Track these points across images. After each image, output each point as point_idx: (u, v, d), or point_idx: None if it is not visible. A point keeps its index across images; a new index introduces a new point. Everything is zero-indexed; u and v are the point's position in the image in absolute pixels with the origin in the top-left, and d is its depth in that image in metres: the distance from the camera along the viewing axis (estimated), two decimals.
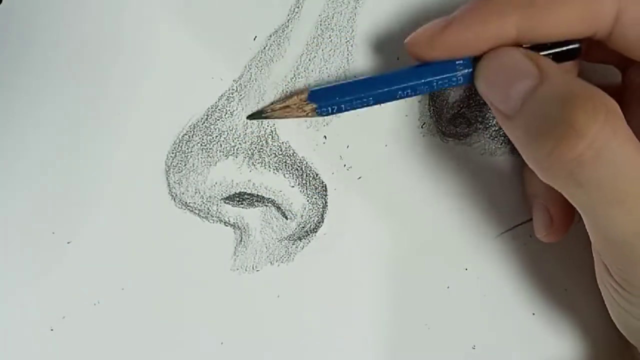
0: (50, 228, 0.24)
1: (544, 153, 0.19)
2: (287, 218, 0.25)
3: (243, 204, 0.25)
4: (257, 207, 0.25)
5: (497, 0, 0.21)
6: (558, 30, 0.21)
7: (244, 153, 0.25)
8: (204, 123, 0.25)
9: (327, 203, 0.26)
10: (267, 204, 0.25)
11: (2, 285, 0.24)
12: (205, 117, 0.25)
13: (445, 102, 0.26)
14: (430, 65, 0.22)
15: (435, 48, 0.22)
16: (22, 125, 0.24)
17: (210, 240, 0.25)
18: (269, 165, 0.25)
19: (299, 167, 0.25)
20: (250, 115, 0.24)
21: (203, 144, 0.25)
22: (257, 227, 0.25)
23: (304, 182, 0.25)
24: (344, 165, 0.26)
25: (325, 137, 0.25)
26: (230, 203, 0.25)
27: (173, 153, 0.25)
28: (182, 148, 0.25)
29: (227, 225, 0.25)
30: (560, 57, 0.22)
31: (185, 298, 0.25)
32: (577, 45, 0.22)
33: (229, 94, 0.25)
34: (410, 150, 0.26)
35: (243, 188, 0.25)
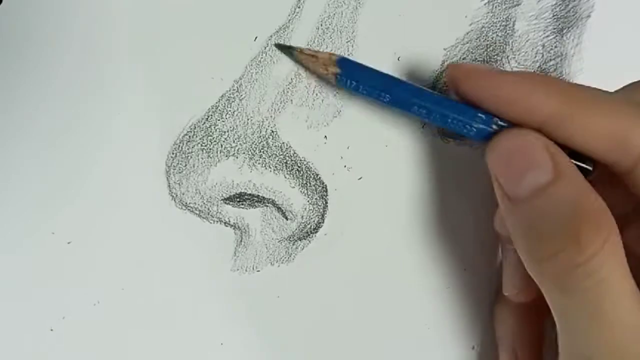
0: (50, 228, 0.24)
1: (541, 255, 0.19)
2: (287, 218, 0.25)
3: (243, 205, 0.25)
4: (257, 207, 0.25)
5: (548, 81, 0.21)
6: (583, 137, 0.20)
7: (245, 153, 0.25)
8: (205, 123, 0.25)
9: (327, 203, 0.26)
10: (267, 205, 0.25)
11: (2, 285, 0.24)
12: (206, 117, 0.25)
13: None
14: (456, 103, 0.22)
15: (470, 84, 0.21)
16: (22, 125, 0.24)
17: (211, 241, 0.25)
18: (270, 166, 0.25)
19: (300, 167, 0.25)
20: (278, 45, 0.24)
21: (203, 145, 0.25)
22: (257, 227, 0.25)
23: (305, 182, 0.25)
24: (345, 166, 0.26)
25: (326, 137, 0.25)
26: (231, 203, 0.25)
27: (173, 153, 0.25)
28: (182, 148, 0.25)
29: (227, 226, 0.25)
30: None
31: (185, 298, 0.25)
32: (589, 167, 0.21)
33: (230, 95, 0.25)
34: (411, 151, 0.26)
35: (243, 188, 0.25)
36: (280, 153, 0.25)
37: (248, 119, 0.25)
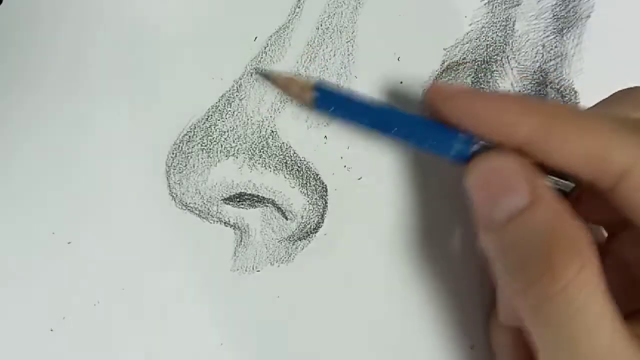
0: (50, 228, 0.24)
1: (517, 286, 0.19)
2: (287, 218, 0.25)
3: (243, 205, 0.25)
4: (257, 207, 0.25)
5: (527, 101, 0.20)
6: (562, 157, 0.20)
7: (245, 153, 0.25)
8: (205, 123, 0.25)
9: (327, 203, 0.26)
10: (267, 205, 0.25)
11: (2, 286, 0.24)
12: (206, 117, 0.25)
13: None
14: (436, 123, 0.22)
15: (450, 105, 0.21)
16: (22, 125, 0.24)
17: (211, 241, 0.25)
18: (270, 166, 0.25)
19: (300, 167, 0.25)
20: (257, 70, 0.24)
21: (203, 145, 0.25)
22: (257, 227, 0.25)
23: (305, 182, 0.25)
24: (344, 166, 0.26)
25: (326, 137, 0.25)
26: (231, 203, 0.25)
27: (173, 153, 0.25)
28: (182, 148, 0.25)
29: (227, 226, 0.25)
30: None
31: (185, 298, 0.25)
32: (572, 185, 0.21)
33: (230, 95, 0.25)
34: (411, 151, 0.26)
35: (243, 188, 0.25)
36: (280, 153, 0.25)
37: (248, 119, 0.25)
